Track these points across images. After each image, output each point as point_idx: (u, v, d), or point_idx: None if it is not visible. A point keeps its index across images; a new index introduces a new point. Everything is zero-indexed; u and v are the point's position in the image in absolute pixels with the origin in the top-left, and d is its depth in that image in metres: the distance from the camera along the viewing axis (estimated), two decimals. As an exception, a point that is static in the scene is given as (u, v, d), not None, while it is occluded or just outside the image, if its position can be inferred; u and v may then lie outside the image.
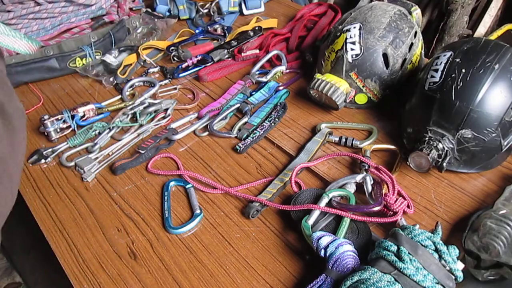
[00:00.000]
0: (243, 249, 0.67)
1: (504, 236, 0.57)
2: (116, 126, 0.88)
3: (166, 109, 0.93)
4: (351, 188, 0.70)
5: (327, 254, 0.58)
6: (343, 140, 0.81)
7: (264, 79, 0.99)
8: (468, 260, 0.58)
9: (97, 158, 0.83)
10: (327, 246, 0.59)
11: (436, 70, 0.73)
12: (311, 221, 0.64)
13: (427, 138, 0.71)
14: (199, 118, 0.92)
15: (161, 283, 0.63)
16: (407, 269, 0.52)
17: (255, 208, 0.70)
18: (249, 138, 0.85)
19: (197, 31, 1.20)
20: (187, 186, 0.77)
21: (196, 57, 1.06)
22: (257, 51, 1.09)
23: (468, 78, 0.69)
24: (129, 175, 0.81)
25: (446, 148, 0.70)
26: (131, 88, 1.02)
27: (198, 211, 0.72)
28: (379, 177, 0.71)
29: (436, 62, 0.74)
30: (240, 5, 1.29)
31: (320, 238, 0.60)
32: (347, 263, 0.57)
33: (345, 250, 0.58)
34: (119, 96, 0.99)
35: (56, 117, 0.88)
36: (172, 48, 1.10)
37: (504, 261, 0.55)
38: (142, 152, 0.82)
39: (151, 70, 1.07)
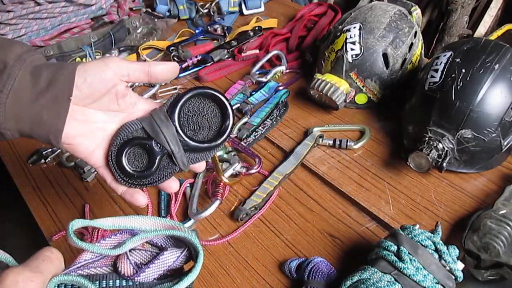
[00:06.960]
0: (243, 249, 0.67)
1: (504, 236, 0.57)
2: (116, 126, 0.88)
3: (166, 109, 0.93)
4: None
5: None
6: (337, 142, 0.81)
7: (264, 79, 0.99)
8: (468, 260, 0.58)
9: (97, 158, 0.83)
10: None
11: (436, 70, 0.73)
12: None
13: (427, 138, 0.71)
14: (199, 118, 0.92)
15: (161, 283, 0.63)
16: (407, 269, 0.52)
17: (245, 212, 0.70)
18: (250, 137, 0.85)
19: (197, 31, 1.20)
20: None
21: (196, 57, 1.06)
22: (257, 51, 1.09)
23: (468, 78, 0.69)
24: (129, 175, 0.81)
25: (446, 148, 0.70)
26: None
27: (198, 211, 0.72)
28: None
29: (436, 62, 0.74)
30: (240, 5, 1.29)
31: (291, 262, 0.62)
32: (321, 269, 0.59)
33: (317, 261, 0.60)
34: (119, 96, 0.99)
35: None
36: (172, 48, 1.10)
37: (504, 261, 0.55)
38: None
39: (151, 70, 1.07)
